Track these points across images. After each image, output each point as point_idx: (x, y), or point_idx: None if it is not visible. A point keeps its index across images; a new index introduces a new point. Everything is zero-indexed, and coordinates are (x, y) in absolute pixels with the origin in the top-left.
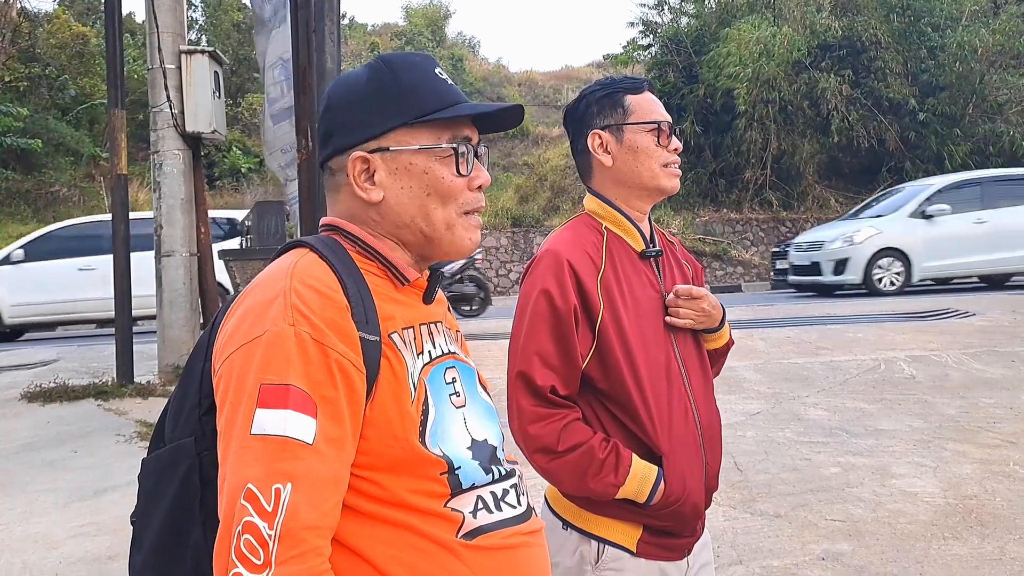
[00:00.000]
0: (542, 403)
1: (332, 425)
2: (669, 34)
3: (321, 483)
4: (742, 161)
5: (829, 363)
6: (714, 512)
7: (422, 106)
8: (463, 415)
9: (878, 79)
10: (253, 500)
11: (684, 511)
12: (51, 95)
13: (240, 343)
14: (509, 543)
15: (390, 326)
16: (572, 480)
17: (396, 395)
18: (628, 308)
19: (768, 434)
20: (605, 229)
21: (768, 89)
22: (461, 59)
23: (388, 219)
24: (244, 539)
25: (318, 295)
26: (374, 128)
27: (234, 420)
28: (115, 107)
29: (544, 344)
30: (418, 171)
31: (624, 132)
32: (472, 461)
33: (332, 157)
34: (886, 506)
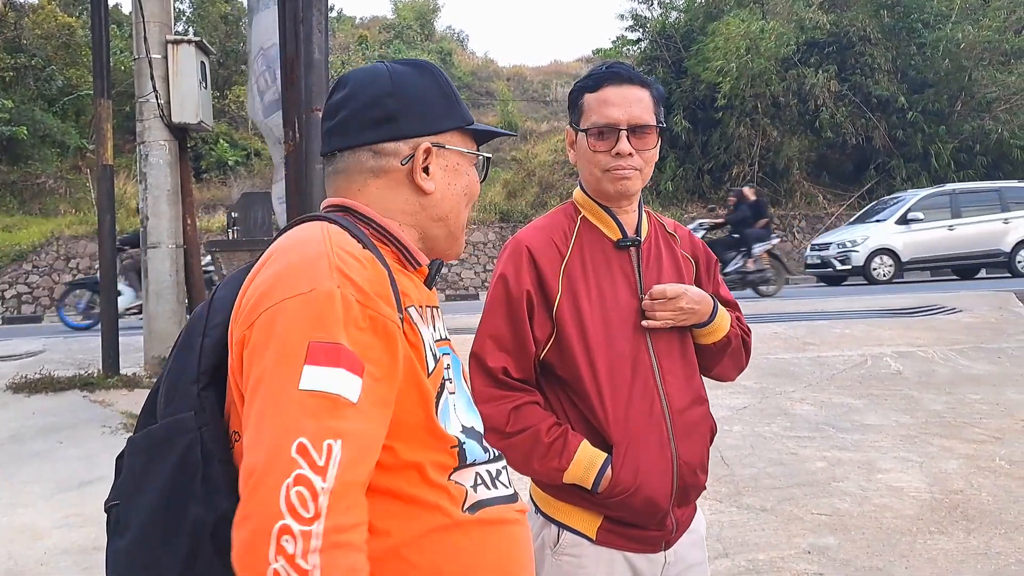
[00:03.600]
0: (493, 384)
1: (376, 386)
2: (658, 29)
3: (366, 442)
4: (730, 157)
5: (816, 359)
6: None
7: (467, 116)
8: (453, 402)
9: (865, 75)
10: (305, 454)
11: (634, 503)
12: (37, 86)
13: (282, 298)
14: (507, 517)
15: (407, 301)
16: (520, 461)
17: (414, 367)
18: (591, 297)
19: (755, 428)
20: (581, 218)
21: (757, 84)
22: (450, 53)
23: (429, 211)
24: (296, 491)
25: (359, 263)
26: (440, 124)
27: (278, 372)
28: (101, 97)
29: (498, 327)
30: (463, 171)
31: (578, 134)
32: (471, 440)
33: (387, 140)
34: (872, 500)
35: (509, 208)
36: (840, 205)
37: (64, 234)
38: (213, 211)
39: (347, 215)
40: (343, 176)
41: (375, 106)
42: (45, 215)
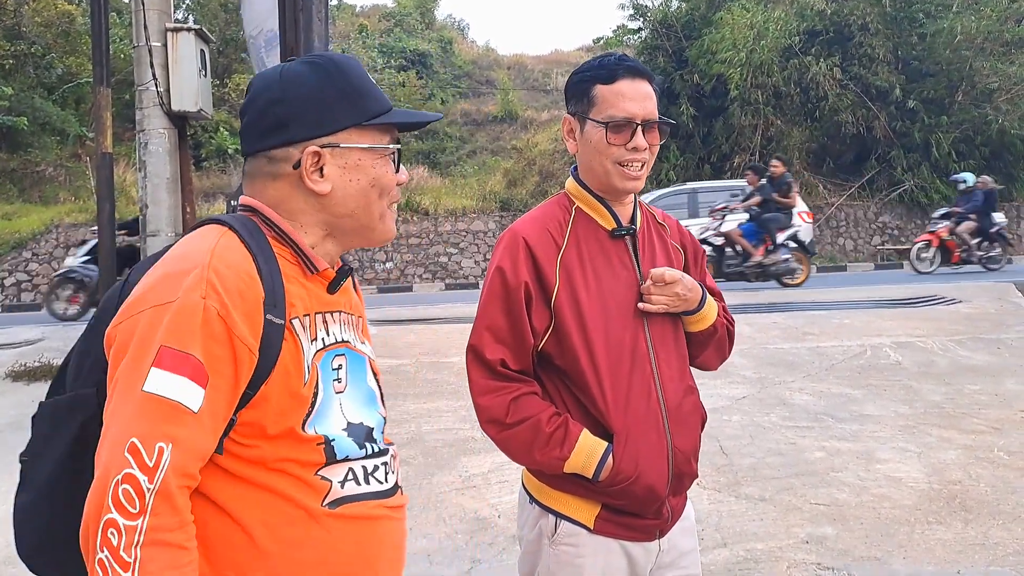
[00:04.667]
0: (492, 376)
1: (218, 398)
2: (659, 18)
3: (196, 449)
4: (732, 147)
5: (815, 349)
6: (699, 496)
7: (371, 109)
8: (339, 400)
9: (864, 66)
10: (136, 454)
11: (636, 491)
12: (37, 74)
13: (150, 304)
14: (371, 514)
15: (293, 312)
16: (521, 452)
17: (292, 376)
18: (589, 287)
19: (753, 418)
20: (575, 209)
21: (760, 74)
22: (450, 42)
23: (329, 209)
24: (123, 489)
25: (236, 276)
26: (330, 125)
27: (129, 372)
28: (100, 85)
29: (496, 319)
30: (366, 166)
31: (585, 123)
32: (347, 438)
33: (278, 147)
34: (870, 491)
35: (509, 197)
36: (841, 195)
37: (64, 222)
38: (213, 199)
39: (254, 216)
40: (248, 179)
41: (266, 115)
42: (45, 203)
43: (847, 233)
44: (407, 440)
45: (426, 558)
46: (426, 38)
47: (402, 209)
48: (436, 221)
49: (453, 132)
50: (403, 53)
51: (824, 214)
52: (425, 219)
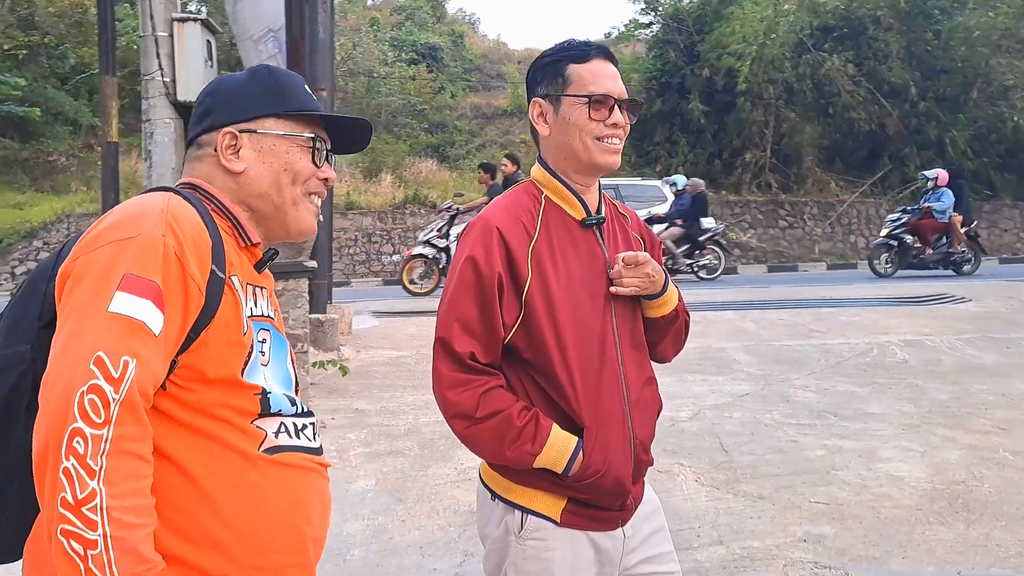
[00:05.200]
0: (461, 369)
1: (170, 329)
2: (670, 12)
3: (154, 371)
4: (743, 143)
5: (821, 346)
6: (696, 493)
7: (291, 104)
8: (263, 373)
9: (879, 61)
10: (102, 366)
11: (605, 484)
12: (50, 64)
13: (109, 240)
14: (303, 464)
15: (231, 270)
16: (489, 447)
17: (231, 325)
18: (560, 278)
19: (755, 416)
20: (544, 198)
21: (771, 70)
22: (461, 36)
23: (245, 188)
24: (88, 399)
25: (190, 224)
26: (248, 113)
27: (91, 297)
28: (106, 74)
29: (466, 311)
30: (280, 152)
31: (561, 103)
32: (279, 394)
33: (204, 133)
34: (871, 489)
35: None
36: (853, 192)
37: (75, 212)
38: None
39: (194, 191)
40: (186, 164)
41: (199, 105)
42: (56, 193)
43: (858, 230)
44: (404, 431)
45: (418, 550)
46: (437, 31)
47: (409, 202)
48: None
49: (463, 126)
50: (414, 47)
51: (836, 211)
52: (432, 212)
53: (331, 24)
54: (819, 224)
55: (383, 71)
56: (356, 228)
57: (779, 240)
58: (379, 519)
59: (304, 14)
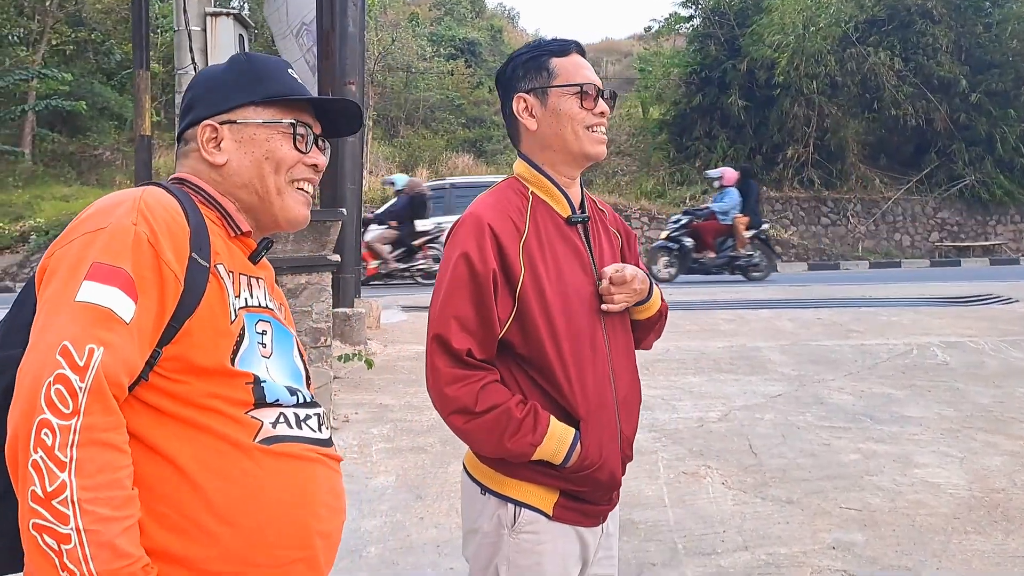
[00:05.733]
0: (459, 365)
1: (144, 317)
2: (712, 5)
3: (126, 359)
4: (784, 139)
5: (859, 346)
6: (723, 496)
7: (270, 90)
8: (266, 365)
9: (927, 56)
10: (67, 356)
11: (600, 477)
12: (96, 60)
13: (81, 233)
14: (305, 455)
15: (217, 259)
16: (490, 440)
17: (217, 313)
18: (551, 274)
19: (787, 417)
20: (531, 194)
21: (814, 64)
22: (500, 30)
23: (229, 180)
24: (55, 389)
25: (164, 211)
26: (225, 103)
27: (61, 289)
28: (140, 68)
29: (462, 308)
30: (260, 140)
31: (548, 95)
32: (277, 384)
33: (187, 128)
34: (905, 496)
35: None
36: (898, 189)
37: None
38: None
39: (182, 185)
40: (176, 160)
41: (184, 100)
42: (101, 186)
43: (903, 228)
44: (427, 427)
45: (435, 548)
46: (476, 26)
47: None
48: None
49: (500, 121)
50: (452, 41)
51: (880, 208)
52: None
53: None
54: (863, 221)
55: (421, 66)
56: None
57: (821, 237)
58: (397, 516)
59: (334, 7)
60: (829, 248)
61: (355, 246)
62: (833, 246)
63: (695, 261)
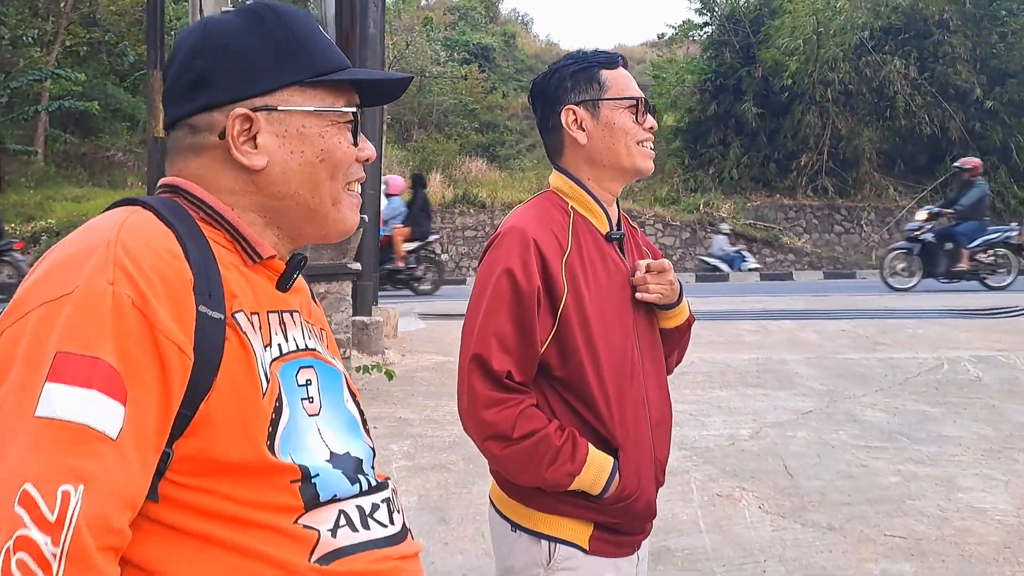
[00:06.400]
0: (498, 388)
1: (142, 419)
2: (727, 12)
3: (120, 492)
4: (798, 146)
5: (888, 360)
6: (760, 521)
7: (317, 64)
8: (316, 425)
9: (944, 64)
10: (30, 506)
11: (638, 507)
12: (110, 61)
13: (40, 301)
14: (376, 568)
15: (235, 305)
16: (526, 468)
17: (243, 385)
18: (592, 293)
19: (821, 436)
20: (572, 209)
21: (827, 70)
22: (513, 36)
23: (267, 190)
24: (17, 560)
25: (153, 253)
26: (263, 83)
27: (15, 397)
28: (153, 68)
29: (503, 326)
30: (312, 135)
31: (601, 108)
32: (334, 470)
33: (200, 112)
34: (952, 523)
35: None
36: (912, 198)
37: None
38: None
39: (176, 196)
40: (170, 156)
41: (185, 71)
42: (114, 187)
43: None
44: (449, 443)
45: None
46: (490, 32)
47: (459, 202)
48: (492, 214)
49: (513, 126)
50: (466, 46)
51: (895, 217)
52: (482, 211)
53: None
54: (876, 230)
55: (435, 70)
56: None
57: (835, 246)
58: (421, 540)
59: (354, 10)
60: (843, 256)
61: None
62: (847, 254)
63: None
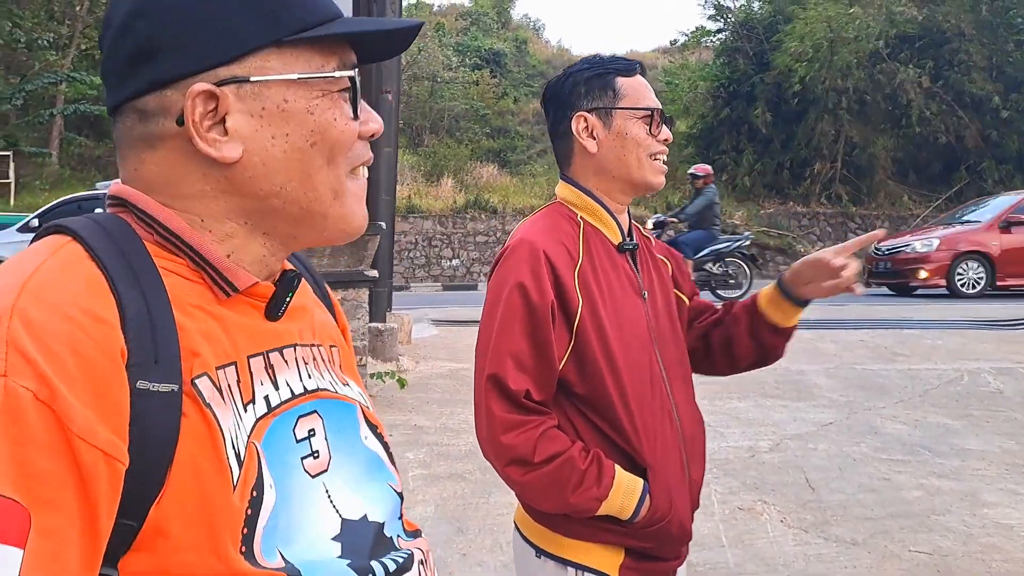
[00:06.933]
0: (516, 409)
1: (58, 555)
2: (740, 18)
3: None
4: (812, 153)
5: (907, 371)
6: (783, 535)
7: (297, 16)
8: (324, 486)
9: (960, 72)
10: None
11: (671, 530)
12: None
13: None
14: None
15: (196, 366)
16: (550, 494)
17: (208, 477)
18: (607, 305)
19: (842, 448)
20: (581, 219)
21: (837, 78)
22: (525, 42)
23: (246, 188)
24: None
25: (65, 323)
26: (228, 47)
27: None
28: None
29: (518, 343)
30: (298, 112)
31: (613, 117)
32: (338, 560)
33: (147, 91)
34: (978, 539)
35: None
36: (927, 206)
37: None
38: None
39: (126, 212)
40: (119, 153)
41: (123, 38)
42: None
43: None
44: (465, 453)
45: None
46: (501, 37)
47: (470, 207)
48: (504, 219)
49: (524, 131)
50: (478, 52)
51: (909, 225)
52: (493, 217)
53: None
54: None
55: (447, 76)
56: (416, 232)
57: None
58: (438, 551)
59: (372, 14)
60: None
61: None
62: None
63: None
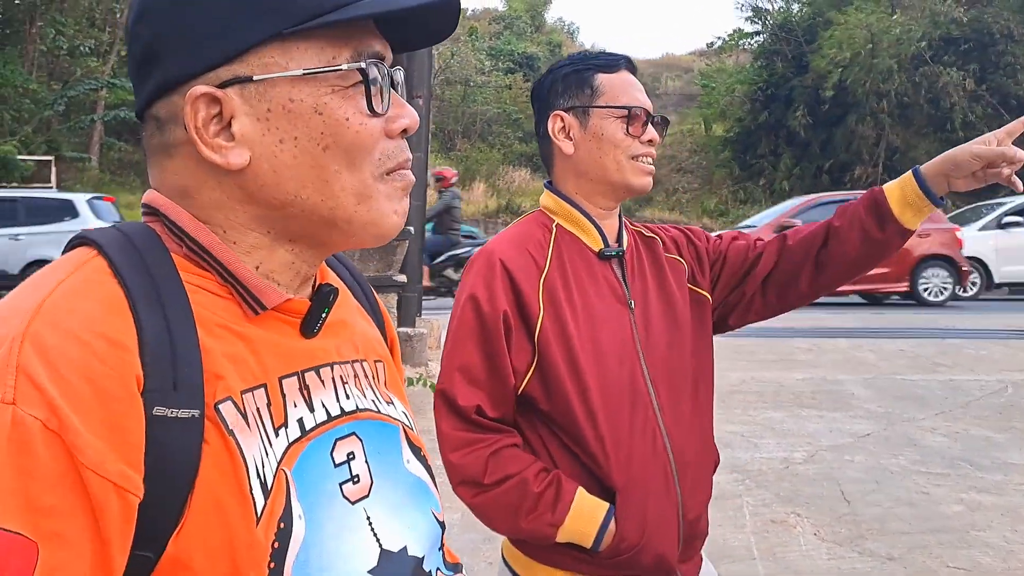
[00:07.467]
0: (467, 426)
1: None
2: (779, 21)
3: None
4: (852, 157)
5: (948, 382)
6: (816, 548)
7: (300, 4)
8: (365, 512)
9: (1007, 75)
10: None
11: (644, 560)
12: None
13: None
14: None
15: (220, 390)
16: (502, 518)
17: (230, 510)
18: (578, 316)
19: (879, 460)
20: (556, 226)
21: (881, 81)
22: (559, 45)
23: (259, 196)
24: None
25: (78, 348)
26: (227, 44)
27: None
28: None
29: (468, 357)
30: (305, 111)
31: (590, 116)
32: None
33: (159, 97)
34: (1018, 556)
35: None
36: None
37: None
38: None
39: (157, 221)
40: (148, 161)
41: (133, 42)
42: None
43: None
44: None
45: None
46: (535, 41)
47: (502, 211)
48: None
49: None
50: (511, 56)
51: None
52: None
53: None
54: None
55: (480, 80)
56: None
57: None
58: (465, 559)
59: None
60: None
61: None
62: None
63: None
